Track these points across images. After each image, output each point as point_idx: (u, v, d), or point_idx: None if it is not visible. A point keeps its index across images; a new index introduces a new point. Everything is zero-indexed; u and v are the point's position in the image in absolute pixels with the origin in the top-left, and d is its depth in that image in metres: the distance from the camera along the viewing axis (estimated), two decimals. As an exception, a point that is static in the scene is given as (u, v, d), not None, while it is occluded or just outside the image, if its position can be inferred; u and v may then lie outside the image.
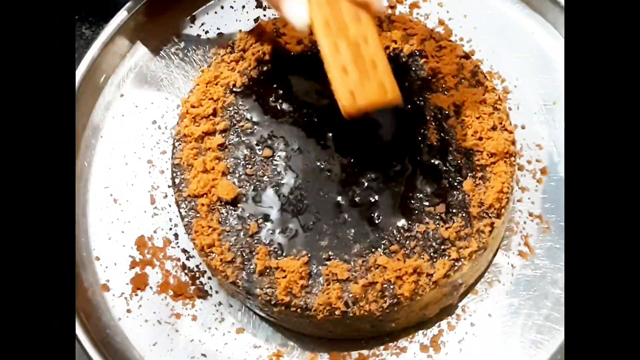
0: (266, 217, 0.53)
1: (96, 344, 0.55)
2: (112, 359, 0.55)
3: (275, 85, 0.58)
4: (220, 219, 0.54)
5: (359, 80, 0.49)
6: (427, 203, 0.53)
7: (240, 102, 0.58)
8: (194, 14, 0.69)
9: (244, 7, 0.69)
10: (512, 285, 0.57)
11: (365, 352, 0.55)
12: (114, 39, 0.66)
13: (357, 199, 0.53)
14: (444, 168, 0.54)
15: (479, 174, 0.53)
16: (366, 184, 0.54)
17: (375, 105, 0.49)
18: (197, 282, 0.59)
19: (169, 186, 0.61)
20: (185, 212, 0.54)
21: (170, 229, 0.61)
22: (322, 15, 0.50)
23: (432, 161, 0.54)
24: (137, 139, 0.64)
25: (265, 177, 0.55)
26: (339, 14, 0.50)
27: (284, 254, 0.52)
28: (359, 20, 0.50)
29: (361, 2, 0.49)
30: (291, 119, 0.57)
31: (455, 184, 0.53)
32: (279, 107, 0.57)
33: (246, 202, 0.54)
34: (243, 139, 0.56)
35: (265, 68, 0.59)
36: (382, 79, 0.49)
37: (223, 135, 0.56)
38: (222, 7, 0.69)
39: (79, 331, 0.55)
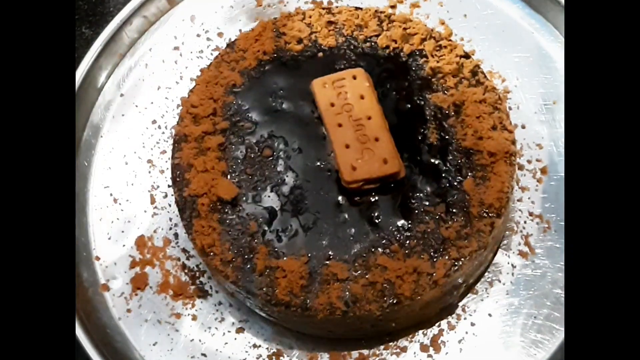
0: (266, 217, 0.53)
1: (96, 344, 0.55)
2: (112, 359, 0.55)
3: (275, 85, 0.58)
4: (220, 219, 0.54)
5: (360, 155, 0.53)
6: (427, 203, 0.53)
7: (240, 102, 0.58)
8: (193, 14, 0.69)
9: (243, 7, 0.69)
10: (512, 284, 0.57)
11: (365, 351, 0.55)
12: (114, 38, 0.66)
13: (357, 199, 0.53)
14: (444, 168, 0.54)
15: (479, 174, 0.53)
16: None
17: (375, 177, 0.52)
18: (197, 282, 0.59)
19: (169, 186, 0.60)
20: (185, 212, 0.54)
21: (170, 228, 0.61)
22: (327, 97, 0.54)
23: (432, 161, 0.54)
24: (137, 139, 0.64)
25: (265, 177, 0.55)
26: (342, 96, 0.54)
27: (284, 254, 0.52)
28: (363, 99, 0.54)
29: None
30: (291, 119, 0.56)
31: (455, 183, 0.53)
32: (279, 107, 0.57)
33: (246, 202, 0.54)
34: (243, 138, 0.56)
35: (265, 68, 0.59)
36: (384, 152, 0.53)
37: (223, 135, 0.56)
38: (222, 7, 0.69)
39: (79, 331, 0.55)
